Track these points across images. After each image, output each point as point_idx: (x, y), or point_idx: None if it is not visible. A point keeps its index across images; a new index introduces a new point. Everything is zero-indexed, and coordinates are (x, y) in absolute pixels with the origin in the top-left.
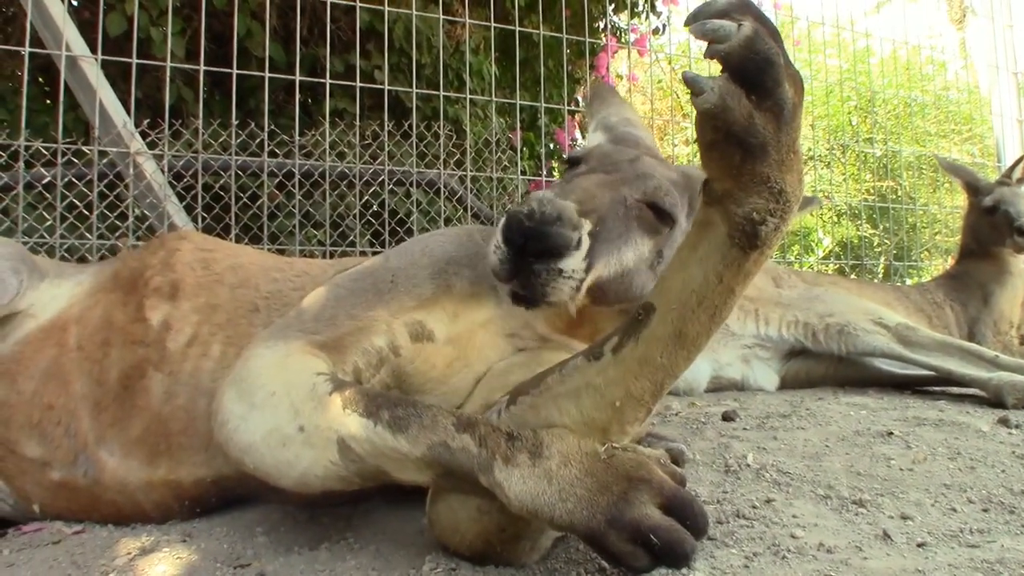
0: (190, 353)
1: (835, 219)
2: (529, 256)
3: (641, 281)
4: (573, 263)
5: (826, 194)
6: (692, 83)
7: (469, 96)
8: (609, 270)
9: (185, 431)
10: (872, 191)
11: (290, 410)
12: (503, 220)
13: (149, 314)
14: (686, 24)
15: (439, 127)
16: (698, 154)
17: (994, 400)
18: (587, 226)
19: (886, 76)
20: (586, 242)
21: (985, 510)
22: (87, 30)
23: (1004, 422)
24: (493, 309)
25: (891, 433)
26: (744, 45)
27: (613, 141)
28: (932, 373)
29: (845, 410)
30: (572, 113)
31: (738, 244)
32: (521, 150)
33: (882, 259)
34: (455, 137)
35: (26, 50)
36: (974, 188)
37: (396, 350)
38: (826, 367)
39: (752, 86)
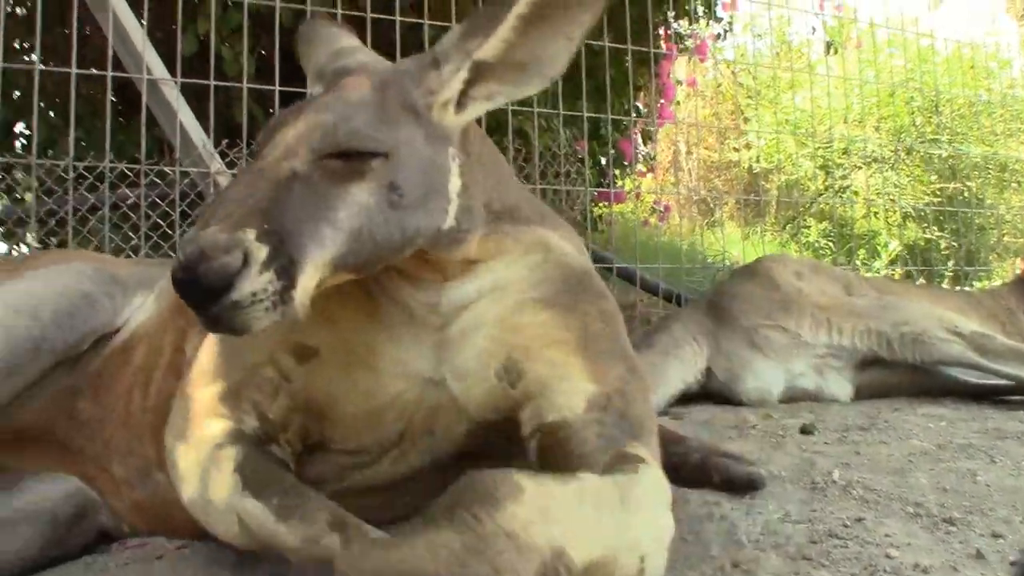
0: None
1: (900, 222)
2: (206, 304)
3: (389, 228)
4: (250, 285)
5: (891, 196)
6: None
7: (536, 110)
8: (332, 247)
9: None
10: (938, 193)
11: (201, 484)
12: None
13: (186, 345)
14: None
15: (507, 140)
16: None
17: None
18: (251, 234)
19: (950, 75)
20: (259, 251)
21: None
22: (158, 50)
23: None
24: (365, 303)
25: (974, 447)
26: None
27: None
28: (1010, 383)
29: (924, 422)
30: (634, 122)
31: None
32: (586, 160)
33: (950, 263)
34: (524, 150)
35: (109, 74)
36: None
37: (286, 376)
38: (900, 377)
39: None
